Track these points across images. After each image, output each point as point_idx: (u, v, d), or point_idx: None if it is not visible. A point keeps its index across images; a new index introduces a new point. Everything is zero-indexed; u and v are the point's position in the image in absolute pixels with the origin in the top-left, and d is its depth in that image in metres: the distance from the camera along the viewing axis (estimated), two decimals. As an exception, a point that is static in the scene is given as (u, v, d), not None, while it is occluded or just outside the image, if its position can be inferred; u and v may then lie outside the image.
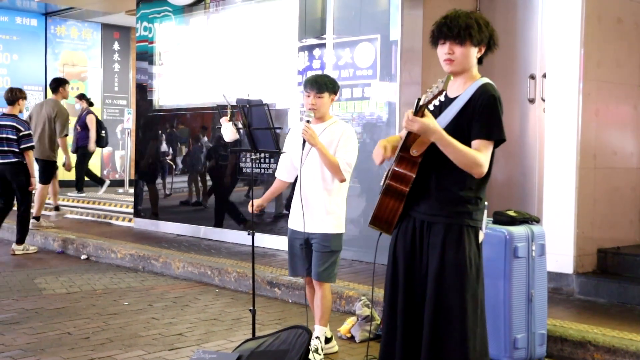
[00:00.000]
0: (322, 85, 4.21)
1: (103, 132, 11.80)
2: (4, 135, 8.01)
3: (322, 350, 4.23)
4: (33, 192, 8.52)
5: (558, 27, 5.63)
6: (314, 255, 4.27)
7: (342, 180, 4.22)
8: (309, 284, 4.42)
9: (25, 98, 8.41)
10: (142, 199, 9.66)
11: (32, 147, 8.19)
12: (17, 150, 8.02)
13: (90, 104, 11.99)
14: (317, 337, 4.26)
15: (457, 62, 2.92)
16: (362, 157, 7.22)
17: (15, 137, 8.01)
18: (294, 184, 4.54)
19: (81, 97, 12.13)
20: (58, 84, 9.93)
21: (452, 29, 2.90)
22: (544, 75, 6.09)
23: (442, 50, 2.94)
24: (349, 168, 4.18)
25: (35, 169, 8.43)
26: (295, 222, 4.34)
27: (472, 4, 6.89)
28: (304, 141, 4.10)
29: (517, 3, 6.75)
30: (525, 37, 6.66)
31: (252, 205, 4.40)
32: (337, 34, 7.15)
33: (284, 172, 4.48)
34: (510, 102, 6.62)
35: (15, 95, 8.25)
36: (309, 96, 4.22)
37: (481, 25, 2.93)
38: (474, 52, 2.94)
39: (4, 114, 8.36)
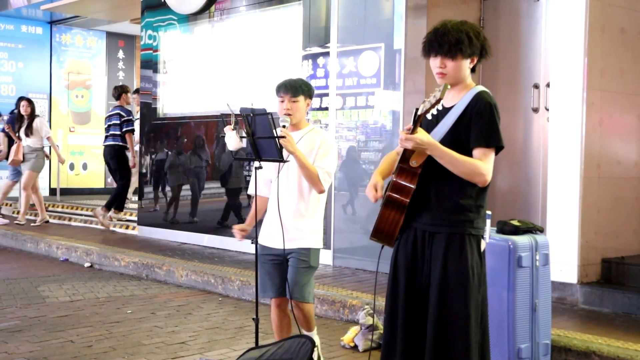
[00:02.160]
0: (297, 88, 3.95)
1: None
2: (111, 122, 9.98)
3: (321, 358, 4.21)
4: (132, 169, 10.22)
5: (562, 37, 5.64)
6: (292, 272, 3.96)
7: (321, 192, 3.92)
8: (278, 306, 4.10)
9: (128, 92, 10.37)
10: (145, 206, 9.67)
11: (132, 131, 9.99)
12: (118, 133, 9.91)
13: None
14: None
15: (449, 76, 2.93)
16: (365, 167, 7.28)
17: (118, 122, 9.91)
18: None
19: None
20: (120, 92, 10.54)
21: (442, 45, 2.89)
22: (548, 85, 6.09)
23: (434, 63, 2.96)
24: (329, 178, 3.90)
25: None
26: (268, 237, 4.03)
27: (475, 14, 6.90)
28: (281, 148, 3.77)
29: (520, 12, 6.76)
30: (529, 46, 6.66)
31: (238, 231, 4.10)
32: (341, 43, 7.16)
33: (263, 187, 4.10)
34: (514, 112, 6.62)
35: (118, 91, 10.27)
36: (282, 101, 3.96)
37: (472, 38, 2.90)
38: (466, 64, 2.94)
39: (114, 107, 10.33)
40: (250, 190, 4.15)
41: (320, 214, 4.06)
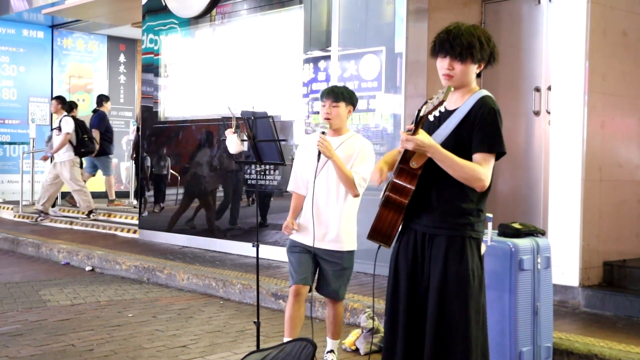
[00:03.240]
0: (339, 94, 4.10)
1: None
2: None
3: None
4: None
5: (563, 40, 5.64)
6: (329, 274, 4.13)
7: (356, 195, 4.08)
8: (297, 295, 4.15)
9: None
10: (147, 210, 9.67)
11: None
12: None
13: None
14: (332, 351, 4.26)
15: (456, 78, 2.92)
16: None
17: None
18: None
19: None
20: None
21: (454, 47, 2.87)
22: (549, 88, 6.09)
23: (442, 64, 2.94)
24: (363, 183, 4.05)
25: None
26: (304, 236, 4.15)
27: (477, 17, 6.91)
28: (319, 153, 3.96)
29: (522, 16, 6.76)
30: (530, 49, 6.67)
31: (289, 227, 4.18)
32: (342, 46, 7.17)
33: (301, 187, 4.25)
34: (515, 115, 6.62)
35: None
36: (324, 105, 4.12)
37: (483, 44, 2.89)
38: (474, 69, 2.94)
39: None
40: (290, 187, 4.30)
41: (355, 217, 4.19)
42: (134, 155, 11.73)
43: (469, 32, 2.90)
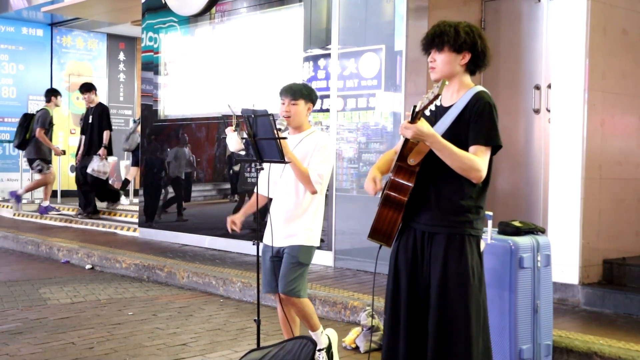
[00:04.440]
0: (297, 91, 4.09)
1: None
2: None
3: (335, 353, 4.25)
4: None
5: (563, 38, 5.64)
6: (282, 267, 4.11)
7: (313, 192, 4.02)
8: (279, 301, 4.20)
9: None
10: (147, 208, 9.67)
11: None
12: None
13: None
14: (322, 349, 4.26)
15: (438, 69, 2.98)
16: (365, 169, 7.27)
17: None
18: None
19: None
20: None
21: (427, 38, 2.99)
22: (549, 86, 6.09)
23: (428, 59, 3.03)
24: (320, 179, 3.99)
25: None
26: (267, 236, 4.18)
27: (477, 15, 6.91)
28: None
29: (522, 14, 6.76)
30: (530, 47, 6.67)
31: (230, 222, 4.22)
32: (342, 45, 7.17)
33: (262, 188, 4.22)
34: (515, 113, 6.62)
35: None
36: (283, 103, 4.11)
37: (459, 32, 2.93)
38: (455, 59, 2.96)
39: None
40: (259, 191, 4.25)
41: (315, 213, 4.13)
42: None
43: (446, 24, 2.98)
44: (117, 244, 8.95)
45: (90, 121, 10.92)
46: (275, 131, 3.96)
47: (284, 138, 3.95)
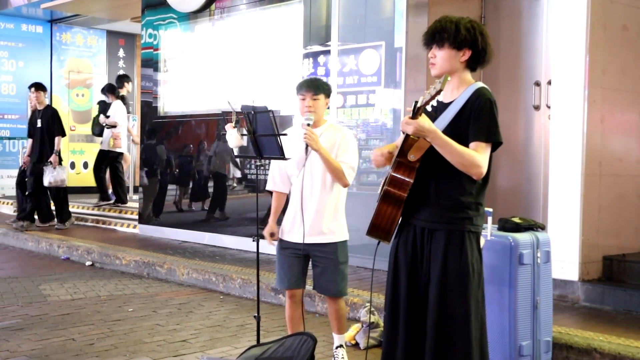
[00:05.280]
0: (318, 86, 4.07)
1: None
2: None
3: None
4: None
5: (563, 35, 5.63)
6: (325, 271, 4.07)
7: (346, 185, 4.06)
8: (292, 297, 4.18)
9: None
10: (146, 205, 9.67)
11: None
12: None
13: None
14: (341, 346, 4.25)
15: (438, 65, 2.97)
16: (365, 165, 7.26)
17: None
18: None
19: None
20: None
21: (428, 33, 2.98)
22: (549, 82, 6.08)
23: (428, 55, 3.02)
24: (352, 172, 4.02)
25: None
26: (290, 232, 4.12)
27: (477, 11, 6.89)
28: (307, 146, 3.91)
29: (522, 10, 6.75)
30: (530, 44, 6.66)
31: (275, 234, 4.17)
32: (342, 41, 7.16)
33: (280, 184, 4.22)
34: (515, 109, 6.62)
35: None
36: (304, 99, 4.06)
37: (460, 28, 2.91)
38: (456, 55, 2.95)
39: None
40: (270, 186, 4.27)
41: (343, 206, 4.18)
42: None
43: (447, 19, 2.96)
44: (117, 240, 8.96)
45: (39, 125, 10.01)
46: (275, 127, 3.96)
47: (284, 134, 3.96)
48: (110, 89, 11.48)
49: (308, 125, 3.96)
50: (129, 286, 6.85)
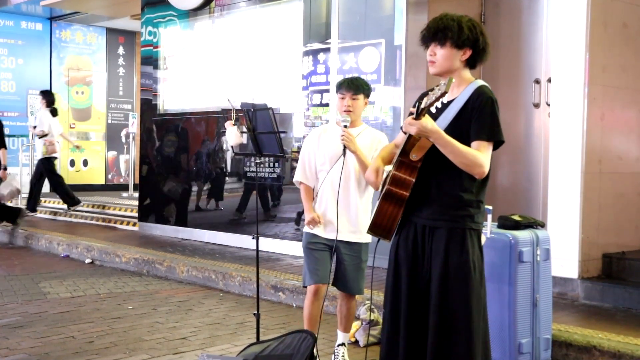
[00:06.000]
0: (359, 86, 4.05)
1: None
2: None
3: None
4: None
5: (563, 32, 5.63)
6: (350, 268, 4.09)
7: (377, 188, 4.11)
8: (316, 293, 4.10)
9: None
10: (146, 203, 9.67)
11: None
12: None
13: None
14: (343, 344, 4.25)
15: (437, 64, 2.95)
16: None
17: None
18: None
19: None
20: None
21: (430, 31, 2.94)
22: (549, 80, 6.08)
23: (427, 52, 2.98)
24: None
25: None
26: (326, 230, 4.11)
27: (477, 8, 6.89)
28: (344, 147, 3.91)
29: (522, 8, 6.75)
30: (530, 41, 6.65)
31: (316, 220, 4.11)
32: (342, 39, 7.15)
33: (311, 179, 4.21)
34: (515, 107, 6.61)
35: None
36: (343, 98, 4.03)
37: (462, 27, 2.90)
38: (456, 54, 2.93)
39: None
40: (299, 177, 4.23)
41: (370, 210, 4.13)
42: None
43: (449, 17, 2.93)
44: (116, 238, 8.96)
45: None
46: (274, 125, 3.96)
47: (284, 132, 3.95)
48: (47, 96, 11.26)
49: (345, 126, 3.96)
50: (129, 284, 6.85)
